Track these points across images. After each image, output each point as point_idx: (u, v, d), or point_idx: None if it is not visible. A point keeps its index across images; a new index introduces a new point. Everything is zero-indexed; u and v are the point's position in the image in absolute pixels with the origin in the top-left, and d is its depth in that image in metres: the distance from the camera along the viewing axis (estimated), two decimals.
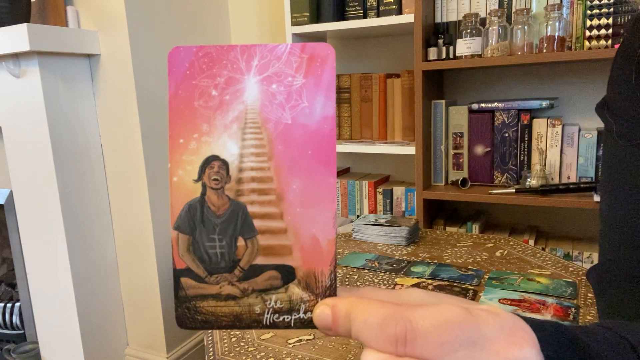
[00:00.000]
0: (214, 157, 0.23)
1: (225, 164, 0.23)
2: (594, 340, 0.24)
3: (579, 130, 1.38)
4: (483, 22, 1.42)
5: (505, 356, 0.19)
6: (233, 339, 0.77)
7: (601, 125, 1.45)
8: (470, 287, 0.94)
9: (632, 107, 0.40)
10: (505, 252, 1.16)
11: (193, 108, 0.23)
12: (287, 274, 0.23)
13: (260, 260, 0.23)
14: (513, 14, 1.38)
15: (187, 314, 0.23)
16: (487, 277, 0.99)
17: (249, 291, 0.23)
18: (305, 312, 0.23)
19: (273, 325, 0.23)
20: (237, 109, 0.23)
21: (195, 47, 0.23)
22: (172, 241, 0.23)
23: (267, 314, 0.23)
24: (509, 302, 0.85)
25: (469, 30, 1.40)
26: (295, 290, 0.23)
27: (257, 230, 0.23)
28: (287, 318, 0.23)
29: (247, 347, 0.74)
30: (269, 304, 0.23)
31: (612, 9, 1.26)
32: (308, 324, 0.23)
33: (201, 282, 0.23)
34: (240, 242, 0.23)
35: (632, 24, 0.41)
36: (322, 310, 0.22)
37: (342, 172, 1.83)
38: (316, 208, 0.22)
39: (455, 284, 0.96)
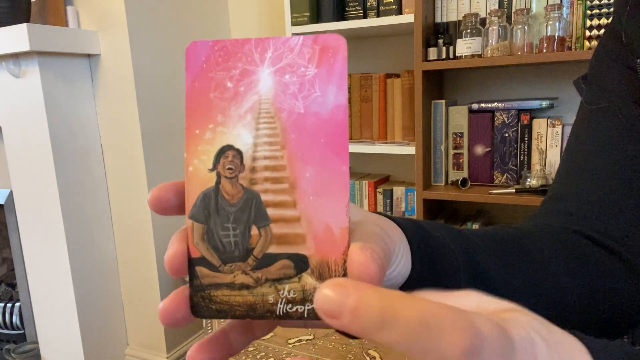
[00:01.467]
0: (229, 147, 0.23)
1: (239, 153, 0.23)
2: None
3: None
4: (483, 22, 1.42)
5: None
6: None
7: None
8: None
9: (605, 75, 0.41)
10: None
11: (209, 100, 0.23)
12: (300, 263, 0.23)
13: (273, 249, 0.23)
14: (513, 14, 1.38)
15: (201, 302, 0.23)
16: None
17: (263, 280, 0.23)
18: None
19: (286, 316, 0.23)
20: (251, 99, 0.23)
21: (212, 42, 0.23)
22: (187, 230, 0.23)
23: (281, 304, 0.23)
24: None
25: (469, 30, 1.40)
26: (309, 280, 0.23)
27: (271, 218, 0.23)
28: (301, 308, 0.23)
29: (247, 346, 0.74)
30: (283, 293, 0.23)
31: (612, 9, 1.26)
32: None
33: (215, 271, 0.23)
34: (254, 230, 0.23)
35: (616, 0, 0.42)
36: (330, 294, 0.17)
37: None
38: (329, 196, 0.22)
39: None
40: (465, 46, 1.40)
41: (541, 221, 0.40)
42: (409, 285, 0.27)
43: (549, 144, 1.41)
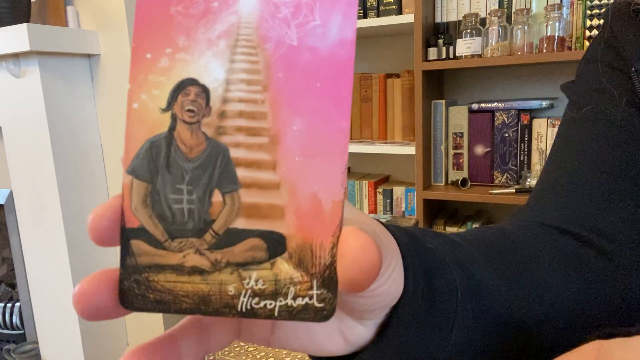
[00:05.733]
0: (191, 81, 0.17)
1: (205, 90, 0.17)
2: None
3: None
4: (483, 22, 1.42)
5: None
6: None
7: None
8: None
9: (596, 79, 0.41)
10: None
11: (168, 15, 0.17)
12: (275, 244, 0.17)
13: (240, 224, 0.17)
14: (513, 14, 1.38)
15: (135, 289, 0.17)
16: None
17: (222, 264, 0.17)
18: (294, 298, 0.17)
19: (250, 313, 0.17)
20: (227, 20, 0.17)
21: None
22: (123, 189, 0.17)
23: (244, 296, 0.17)
24: None
25: (469, 30, 1.40)
26: (284, 267, 0.17)
27: (241, 182, 0.17)
28: (270, 304, 0.17)
29: (247, 346, 0.74)
30: (248, 283, 0.17)
31: None
32: (297, 313, 0.18)
33: (159, 248, 0.17)
34: (217, 196, 0.17)
35: (608, 8, 0.42)
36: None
37: None
38: (321, 158, 0.17)
39: None
40: (465, 46, 1.40)
41: (528, 218, 0.39)
42: (403, 306, 0.22)
43: (549, 144, 1.41)
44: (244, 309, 0.17)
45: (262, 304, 0.17)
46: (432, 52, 1.44)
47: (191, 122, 0.17)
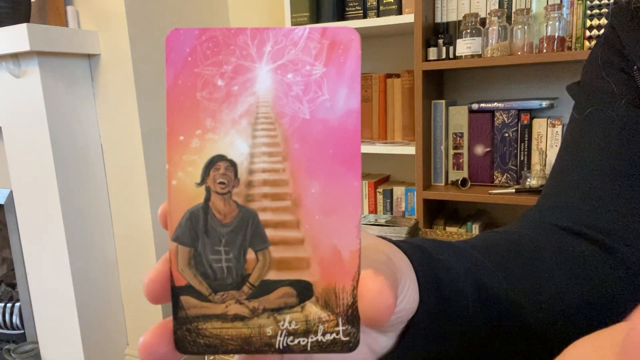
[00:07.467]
0: (220, 157, 0.20)
1: (232, 165, 0.20)
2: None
3: None
4: (483, 22, 1.42)
5: None
6: None
7: None
8: None
9: (600, 80, 0.41)
10: None
11: (195, 100, 0.20)
12: (304, 291, 0.20)
13: (272, 275, 0.20)
14: (513, 14, 1.38)
15: (187, 336, 0.20)
16: None
17: (260, 310, 0.20)
18: (323, 334, 0.21)
19: (287, 349, 0.21)
20: (246, 101, 0.20)
21: (198, 30, 0.20)
22: (170, 254, 0.20)
23: (280, 336, 0.20)
24: None
25: (469, 30, 1.40)
26: (313, 309, 0.20)
27: (270, 241, 0.20)
28: (303, 341, 0.20)
29: None
30: (283, 324, 0.20)
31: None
32: (327, 347, 0.21)
33: (204, 301, 0.20)
34: (250, 254, 0.20)
35: (612, 9, 0.42)
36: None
37: None
38: (338, 215, 0.20)
39: None
40: (465, 46, 1.40)
41: (538, 219, 0.39)
42: (418, 316, 0.25)
43: (549, 144, 1.41)
44: (281, 347, 0.20)
45: (296, 341, 0.21)
46: (432, 52, 1.44)
47: (223, 192, 0.20)
